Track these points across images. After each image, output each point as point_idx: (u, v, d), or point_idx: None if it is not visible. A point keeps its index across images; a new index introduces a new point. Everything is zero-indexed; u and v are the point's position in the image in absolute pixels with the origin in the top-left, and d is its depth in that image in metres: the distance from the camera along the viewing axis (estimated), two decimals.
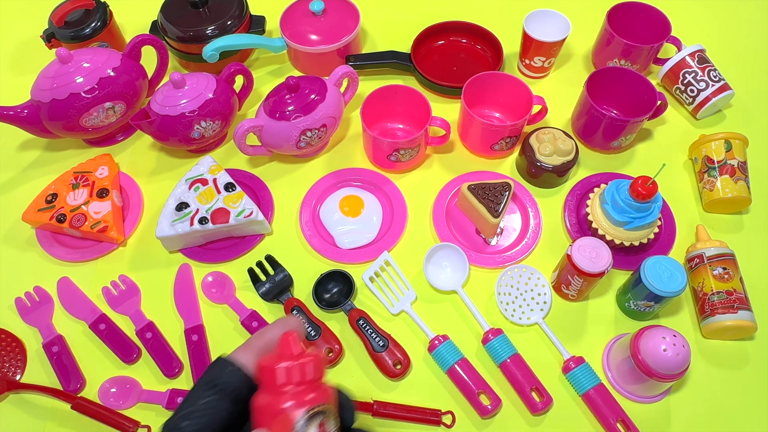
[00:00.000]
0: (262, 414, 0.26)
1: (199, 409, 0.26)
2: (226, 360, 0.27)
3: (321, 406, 0.26)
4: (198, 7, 0.90)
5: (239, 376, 0.27)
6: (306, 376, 0.26)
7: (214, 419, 0.26)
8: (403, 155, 0.81)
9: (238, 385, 0.27)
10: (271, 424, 0.25)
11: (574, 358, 0.68)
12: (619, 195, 0.70)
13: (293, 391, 0.25)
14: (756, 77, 0.95)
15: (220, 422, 0.26)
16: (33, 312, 0.76)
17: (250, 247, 0.79)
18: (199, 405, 0.26)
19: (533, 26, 0.89)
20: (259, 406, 0.26)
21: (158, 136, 0.81)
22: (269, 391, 0.26)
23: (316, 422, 0.25)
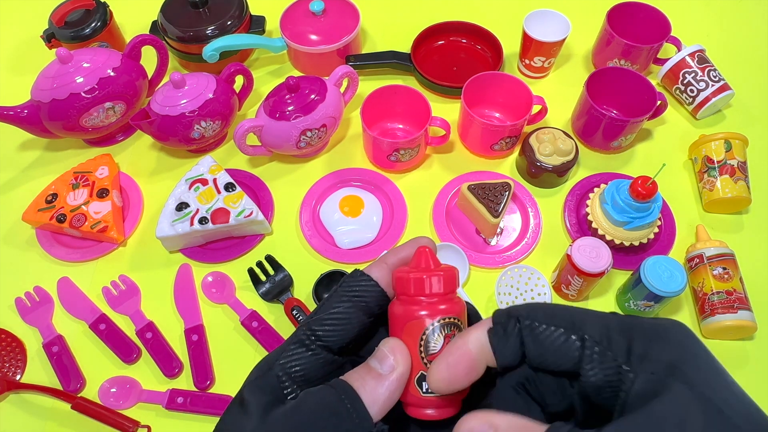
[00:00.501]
0: (396, 321, 0.27)
1: (334, 318, 0.26)
2: (362, 272, 0.28)
3: (452, 318, 0.26)
4: (198, 7, 0.90)
5: (374, 289, 0.27)
6: (440, 288, 0.26)
7: (347, 329, 0.26)
8: (403, 155, 0.81)
9: (371, 298, 0.27)
10: (402, 330, 0.26)
11: None
12: (619, 195, 0.70)
13: (427, 301, 0.26)
14: (756, 77, 0.95)
15: (352, 333, 0.27)
16: (33, 312, 0.76)
17: (250, 247, 0.79)
18: (334, 314, 0.26)
19: (533, 26, 0.89)
20: (394, 314, 0.27)
21: (158, 136, 0.81)
22: (404, 301, 0.27)
23: (444, 332, 0.26)
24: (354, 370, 0.26)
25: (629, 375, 0.21)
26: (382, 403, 0.25)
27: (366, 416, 0.24)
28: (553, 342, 0.23)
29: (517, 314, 0.24)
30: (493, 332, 0.24)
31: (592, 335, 0.22)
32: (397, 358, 0.26)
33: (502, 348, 0.24)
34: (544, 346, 0.23)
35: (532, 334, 0.23)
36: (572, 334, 0.23)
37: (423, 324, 0.26)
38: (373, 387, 0.25)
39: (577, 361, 0.22)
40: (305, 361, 0.26)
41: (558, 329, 0.23)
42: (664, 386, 0.20)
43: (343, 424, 0.24)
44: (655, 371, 0.20)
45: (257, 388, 0.26)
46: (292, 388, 0.26)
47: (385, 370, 0.25)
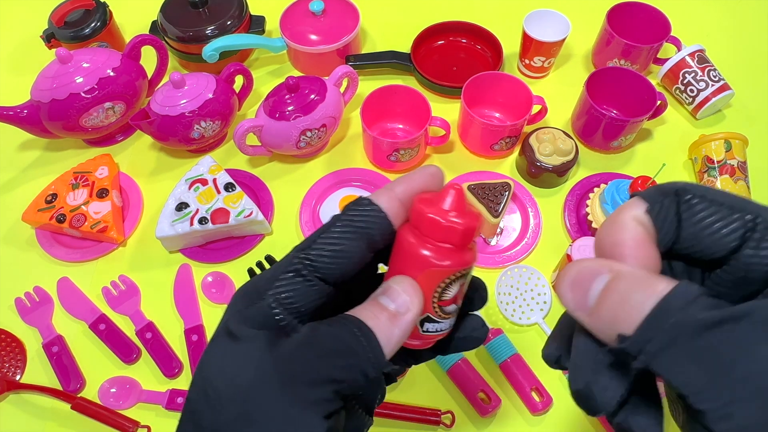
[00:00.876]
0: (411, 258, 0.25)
1: (336, 249, 0.24)
2: (369, 200, 0.25)
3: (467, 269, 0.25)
4: (198, 7, 0.90)
5: (381, 220, 0.25)
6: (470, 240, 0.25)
7: (349, 262, 0.24)
8: (403, 155, 0.81)
9: (377, 230, 0.25)
10: (419, 271, 0.25)
11: None
12: (619, 195, 0.70)
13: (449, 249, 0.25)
14: (756, 77, 0.95)
15: (353, 266, 0.25)
16: (33, 312, 0.76)
17: (250, 247, 0.79)
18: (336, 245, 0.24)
19: (533, 26, 0.89)
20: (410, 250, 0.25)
21: (158, 136, 0.81)
22: (426, 241, 0.25)
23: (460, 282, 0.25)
24: (363, 306, 0.25)
25: None
26: (394, 343, 0.24)
27: (381, 354, 0.23)
28: (715, 221, 0.20)
29: (675, 188, 0.21)
30: (653, 210, 0.21)
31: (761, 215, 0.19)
32: (413, 300, 0.24)
33: (666, 224, 0.21)
34: (702, 224, 0.20)
35: (690, 210, 0.21)
36: (741, 215, 0.20)
37: (445, 273, 0.25)
38: (387, 326, 0.24)
39: (737, 245, 0.20)
40: (301, 291, 0.24)
41: (723, 207, 0.20)
42: None
43: (358, 361, 0.23)
44: None
45: (247, 318, 0.24)
46: (287, 319, 0.24)
47: (400, 310, 0.24)
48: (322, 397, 0.22)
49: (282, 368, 0.22)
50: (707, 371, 0.17)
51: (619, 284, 0.20)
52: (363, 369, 0.23)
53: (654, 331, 0.18)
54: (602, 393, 0.20)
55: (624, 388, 0.20)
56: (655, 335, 0.18)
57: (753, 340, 0.17)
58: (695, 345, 0.18)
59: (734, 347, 0.17)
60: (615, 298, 0.20)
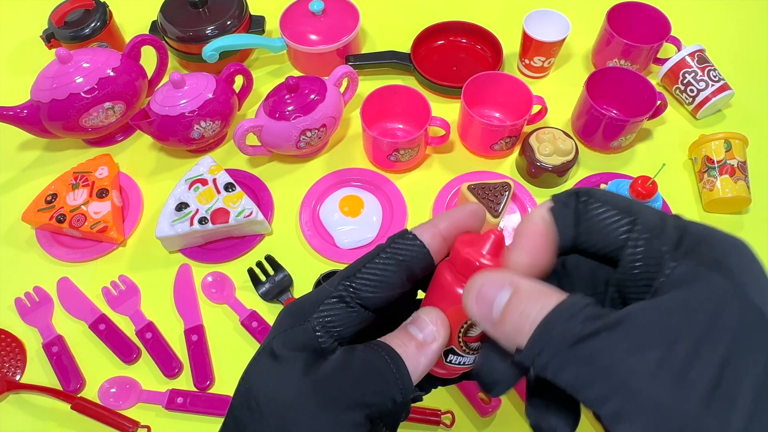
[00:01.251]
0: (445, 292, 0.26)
1: (379, 278, 0.26)
2: (414, 235, 0.26)
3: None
4: (198, 7, 0.90)
5: (422, 253, 0.26)
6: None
7: (389, 290, 0.26)
8: (402, 155, 0.81)
9: (418, 262, 0.26)
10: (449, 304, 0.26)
11: None
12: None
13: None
14: (756, 77, 0.95)
15: (393, 294, 0.26)
16: (33, 312, 0.76)
17: (250, 247, 0.79)
18: (379, 274, 0.26)
19: (533, 26, 0.89)
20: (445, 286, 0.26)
21: (158, 136, 0.81)
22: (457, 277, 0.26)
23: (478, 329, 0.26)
24: (393, 334, 0.26)
25: (670, 264, 0.20)
26: (421, 371, 0.25)
27: (409, 382, 0.25)
28: (604, 220, 0.22)
29: (577, 191, 0.24)
30: (555, 209, 0.24)
31: (645, 222, 0.21)
32: (440, 330, 0.25)
33: (567, 225, 0.23)
34: (594, 222, 0.23)
35: (586, 209, 0.23)
36: (625, 216, 0.22)
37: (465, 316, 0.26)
38: (415, 354, 0.25)
39: (622, 244, 0.22)
40: (344, 316, 0.25)
41: (613, 209, 0.22)
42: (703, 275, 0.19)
43: (388, 387, 0.24)
44: (699, 263, 0.20)
45: (291, 339, 0.25)
46: (328, 342, 0.25)
47: (427, 339, 0.25)
48: (353, 420, 0.23)
49: (319, 389, 0.24)
50: (588, 378, 0.19)
51: (517, 300, 0.22)
52: (392, 395, 0.24)
53: (541, 344, 0.20)
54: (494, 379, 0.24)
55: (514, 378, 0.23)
56: (542, 348, 0.20)
57: (623, 347, 0.18)
58: (576, 354, 0.19)
59: (608, 355, 0.18)
60: (513, 315, 0.21)
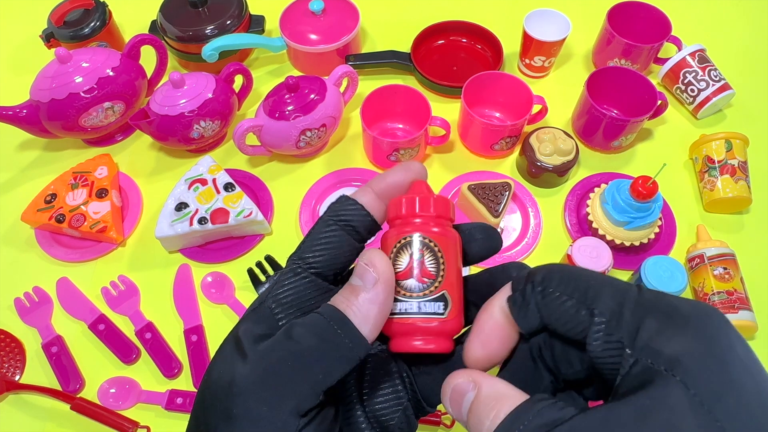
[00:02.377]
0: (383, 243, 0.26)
1: (323, 242, 0.26)
2: (349, 197, 0.27)
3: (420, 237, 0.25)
4: (197, 6, 0.90)
5: (361, 213, 0.26)
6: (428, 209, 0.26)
7: (337, 253, 0.26)
8: (403, 155, 0.81)
9: (359, 222, 0.26)
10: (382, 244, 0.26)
11: None
12: (619, 195, 0.70)
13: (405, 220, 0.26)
14: (756, 77, 0.95)
15: (342, 257, 0.26)
16: (32, 312, 0.76)
17: (250, 248, 0.79)
18: (323, 239, 0.26)
19: (533, 26, 0.89)
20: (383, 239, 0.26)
21: (157, 136, 0.81)
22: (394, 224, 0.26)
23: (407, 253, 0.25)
24: (338, 292, 0.25)
25: (630, 359, 0.20)
26: (373, 320, 0.24)
27: (359, 338, 0.23)
28: (564, 311, 0.22)
29: (533, 279, 0.23)
30: (512, 300, 0.24)
31: (603, 311, 0.21)
32: (378, 269, 0.24)
33: (523, 315, 0.23)
34: (555, 313, 0.22)
35: (544, 300, 0.23)
36: (583, 306, 0.22)
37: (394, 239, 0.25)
38: (360, 305, 0.24)
39: (583, 335, 0.22)
40: (297, 288, 0.25)
41: (570, 299, 0.22)
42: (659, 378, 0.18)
43: (335, 350, 0.23)
44: (655, 361, 0.19)
45: (250, 322, 0.25)
46: (287, 318, 0.24)
47: (368, 284, 0.24)
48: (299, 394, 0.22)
49: (258, 366, 0.23)
50: None
51: (476, 406, 0.22)
52: (343, 356, 0.23)
53: None
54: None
55: None
56: None
57: None
58: None
59: None
60: (474, 420, 0.22)
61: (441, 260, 0.25)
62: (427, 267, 0.25)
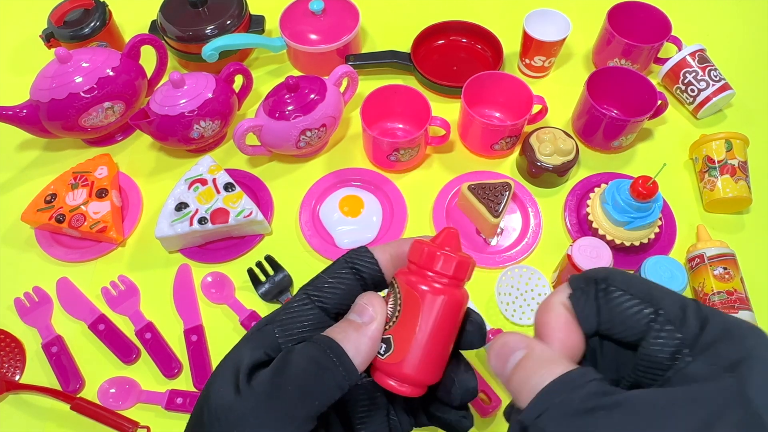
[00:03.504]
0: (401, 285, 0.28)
1: (336, 281, 0.28)
2: (368, 251, 0.29)
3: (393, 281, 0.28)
4: (197, 6, 0.90)
5: (374, 268, 0.29)
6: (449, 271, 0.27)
7: (345, 295, 0.28)
8: (403, 155, 0.81)
9: (368, 274, 0.29)
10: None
11: None
12: (619, 195, 0.70)
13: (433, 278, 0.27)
14: (756, 77, 0.95)
15: (348, 300, 0.28)
16: (32, 312, 0.76)
17: (250, 248, 0.79)
18: (337, 277, 0.28)
19: (533, 26, 0.89)
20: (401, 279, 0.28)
21: (157, 136, 0.81)
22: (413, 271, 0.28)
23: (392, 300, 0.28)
24: (335, 325, 0.27)
25: (687, 359, 0.21)
26: (364, 354, 0.26)
27: (352, 368, 0.25)
28: (626, 309, 0.22)
29: (596, 277, 0.24)
30: (574, 297, 0.24)
31: (668, 312, 0.22)
32: (375, 309, 0.27)
33: (588, 313, 0.24)
34: (616, 311, 0.23)
35: (606, 297, 0.23)
36: (647, 306, 0.22)
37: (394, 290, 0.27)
38: (356, 338, 0.26)
39: (643, 333, 0.22)
40: (301, 314, 0.27)
41: (634, 298, 0.23)
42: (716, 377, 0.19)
43: (330, 377, 0.24)
44: (716, 363, 0.20)
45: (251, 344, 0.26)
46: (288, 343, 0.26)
47: (365, 321, 0.26)
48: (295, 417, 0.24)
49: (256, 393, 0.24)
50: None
51: (527, 362, 0.23)
52: (337, 384, 0.25)
53: (539, 409, 0.21)
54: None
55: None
56: (541, 413, 0.21)
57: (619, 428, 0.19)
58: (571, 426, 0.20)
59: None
60: (521, 374, 0.23)
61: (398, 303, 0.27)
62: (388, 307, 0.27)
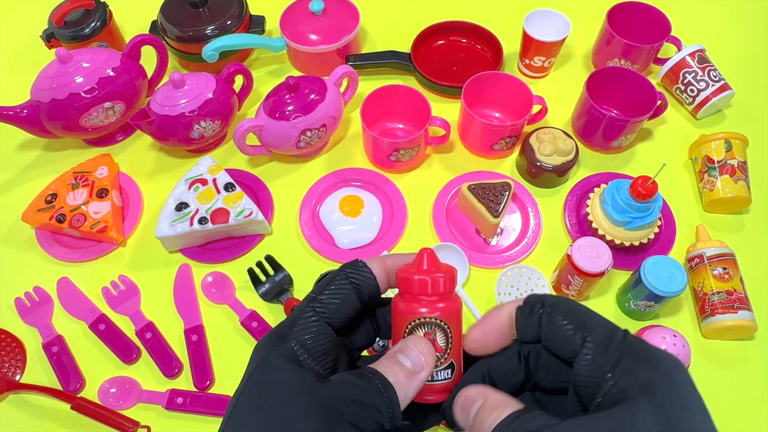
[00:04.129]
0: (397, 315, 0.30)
1: (335, 291, 0.29)
2: (364, 263, 0.31)
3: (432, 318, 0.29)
4: (197, 6, 0.90)
5: (370, 279, 0.30)
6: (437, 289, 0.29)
7: (344, 307, 0.29)
8: (403, 155, 0.81)
9: (366, 287, 0.30)
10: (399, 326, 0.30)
11: None
12: (619, 195, 0.70)
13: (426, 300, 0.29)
14: (756, 77, 0.95)
15: (347, 311, 0.30)
16: (33, 312, 0.76)
17: (250, 247, 0.79)
18: (336, 288, 0.30)
19: (533, 26, 0.89)
20: (397, 309, 0.30)
21: (158, 136, 0.81)
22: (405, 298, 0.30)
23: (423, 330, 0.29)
24: (385, 363, 0.28)
25: (609, 382, 0.24)
26: (408, 399, 0.27)
27: (398, 411, 0.27)
28: (562, 333, 0.26)
29: (544, 301, 0.27)
30: (520, 310, 0.28)
31: (594, 340, 0.25)
32: (428, 360, 0.28)
33: (524, 325, 0.28)
34: (554, 333, 0.26)
35: (548, 320, 0.27)
36: (579, 333, 0.26)
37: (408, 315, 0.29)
38: (405, 384, 0.27)
39: (574, 355, 0.25)
40: (317, 333, 0.28)
41: (570, 324, 0.26)
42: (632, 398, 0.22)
43: (379, 415, 0.26)
44: (630, 385, 0.23)
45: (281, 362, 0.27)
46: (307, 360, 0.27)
47: (417, 369, 0.28)
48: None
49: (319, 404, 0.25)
50: None
51: (484, 409, 0.26)
52: (382, 422, 0.26)
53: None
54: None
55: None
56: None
57: None
58: None
59: None
60: (480, 418, 0.26)
61: (449, 335, 0.29)
62: (438, 343, 0.29)
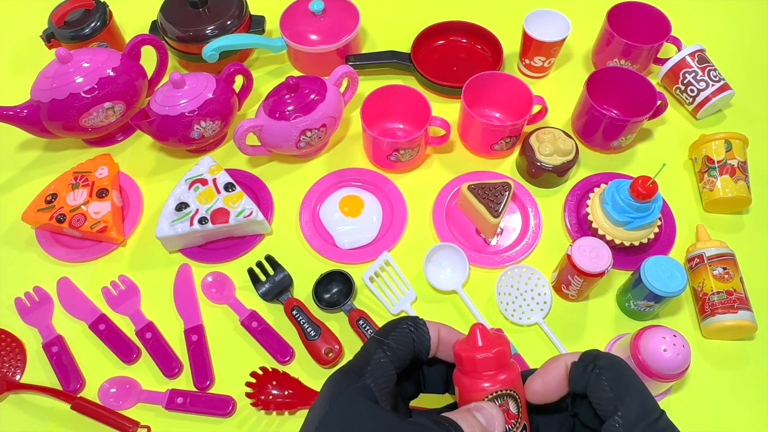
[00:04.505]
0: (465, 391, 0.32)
1: (400, 339, 0.32)
2: (424, 322, 0.34)
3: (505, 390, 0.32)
4: (198, 6, 0.90)
5: (426, 340, 0.34)
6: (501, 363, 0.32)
7: (406, 353, 0.32)
8: (403, 155, 0.81)
9: (421, 345, 0.33)
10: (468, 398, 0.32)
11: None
12: (619, 195, 0.70)
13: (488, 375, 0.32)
14: (756, 77, 0.95)
15: (406, 360, 0.33)
16: (33, 312, 0.76)
17: (250, 247, 0.79)
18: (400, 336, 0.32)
19: (533, 26, 0.89)
20: (463, 386, 0.32)
21: (158, 136, 0.81)
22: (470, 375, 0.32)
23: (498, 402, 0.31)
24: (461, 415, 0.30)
25: None
26: None
27: None
28: (602, 395, 0.30)
29: (598, 362, 0.31)
30: (574, 365, 0.31)
31: (624, 415, 0.29)
32: (499, 420, 0.31)
33: (577, 381, 0.31)
34: (595, 393, 0.30)
35: (594, 381, 0.30)
36: (613, 404, 0.29)
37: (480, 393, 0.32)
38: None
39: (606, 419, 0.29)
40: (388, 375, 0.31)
41: (611, 391, 0.30)
42: None
43: None
44: None
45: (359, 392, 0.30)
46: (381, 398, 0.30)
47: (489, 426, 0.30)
48: None
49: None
50: None
51: None
52: None
53: None
54: None
55: None
56: None
57: None
58: None
59: None
60: None
61: (518, 400, 0.32)
62: (511, 411, 0.32)
